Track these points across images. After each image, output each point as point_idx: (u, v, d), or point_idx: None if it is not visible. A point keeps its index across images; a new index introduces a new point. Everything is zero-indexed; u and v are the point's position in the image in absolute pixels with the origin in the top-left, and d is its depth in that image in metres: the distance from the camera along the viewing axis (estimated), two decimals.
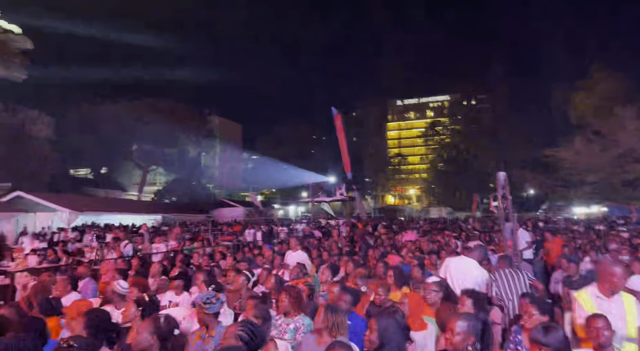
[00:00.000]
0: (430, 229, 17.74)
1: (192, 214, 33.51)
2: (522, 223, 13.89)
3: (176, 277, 5.78)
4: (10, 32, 28.86)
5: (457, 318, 2.89)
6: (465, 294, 3.89)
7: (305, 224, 23.91)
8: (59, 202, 22.85)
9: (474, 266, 5.27)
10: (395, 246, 10.57)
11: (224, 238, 17.90)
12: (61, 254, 11.17)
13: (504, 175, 7.39)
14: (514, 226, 7.58)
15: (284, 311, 4.07)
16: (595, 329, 3.01)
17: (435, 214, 47.63)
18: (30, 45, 29.01)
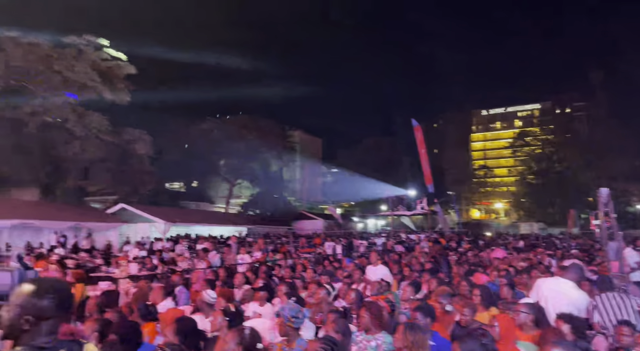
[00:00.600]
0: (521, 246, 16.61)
1: (274, 226, 34.63)
2: (629, 242, 12.50)
3: (260, 288, 5.97)
4: (118, 60, 32.26)
5: (556, 346, 2.66)
6: (562, 319, 3.56)
7: (384, 238, 23.58)
8: (155, 214, 24.79)
9: (571, 287, 4.79)
10: (481, 264, 10.04)
11: (305, 251, 18.23)
12: (157, 263, 12.06)
13: (607, 191, 6.72)
14: (620, 246, 6.84)
15: (365, 328, 4.02)
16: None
17: (526, 230, 44.54)
18: (134, 70, 32.15)
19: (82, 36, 29.73)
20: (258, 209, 46.12)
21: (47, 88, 28.65)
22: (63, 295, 1.63)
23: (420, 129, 31.86)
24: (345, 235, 26.48)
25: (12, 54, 27.47)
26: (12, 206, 21.53)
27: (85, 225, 21.55)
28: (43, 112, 27.82)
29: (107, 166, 30.12)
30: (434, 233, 26.37)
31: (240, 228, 30.49)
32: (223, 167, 46.43)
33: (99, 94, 29.87)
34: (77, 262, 10.94)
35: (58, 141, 28.23)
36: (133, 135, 31.83)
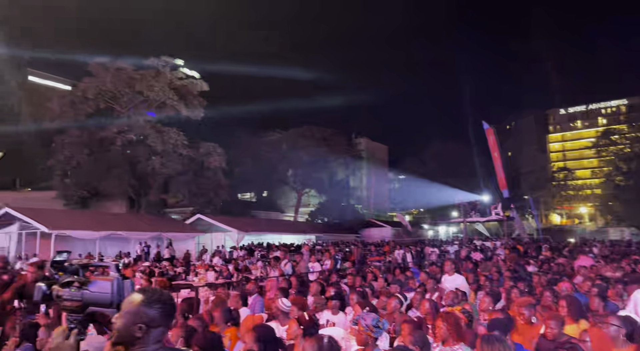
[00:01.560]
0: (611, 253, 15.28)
1: (342, 234, 34.68)
2: None
3: (332, 297, 5.99)
4: (192, 78, 34.30)
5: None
6: None
7: (457, 245, 22.75)
8: (229, 223, 25.85)
9: None
10: (565, 273, 9.36)
11: (374, 259, 18.04)
12: (233, 271, 12.54)
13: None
14: None
15: (442, 339, 3.90)
16: None
17: (616, 236, 40.92)
18: (206, 87, 34.02)
19: (160, 58, 32.02)
20: (325, 217, 46.48)
21: (130, 108, 31.19)
22: (168, 304, 1.75)
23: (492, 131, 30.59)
24: (415, 243, 25.88)
25: (102, 79, 30.24)
26: (103, 218, 23.49)
27: (166, 235, 22.97)
28: (127, 131, 30.20)
29: (184, 178, 31.96)
30: (511, 240, 25.04)
31: (309, 236, 30.90)
32: (291, 177, 47.40)
33: (176, 111, 31.91)
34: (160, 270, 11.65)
35: (141, 157, 30.47)
36: (207, 149, 33.55)
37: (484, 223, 34.24)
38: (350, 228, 38.80)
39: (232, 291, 8.10)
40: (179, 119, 32.77)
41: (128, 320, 1.68)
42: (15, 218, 19.07)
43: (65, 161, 30.12)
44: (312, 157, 43.37)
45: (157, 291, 1.81)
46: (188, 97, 32.90)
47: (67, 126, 30.31)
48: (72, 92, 32.86)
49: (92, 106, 30.34)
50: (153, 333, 1.69)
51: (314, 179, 46.06)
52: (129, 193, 31.60)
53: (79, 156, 29.75)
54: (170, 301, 1.77)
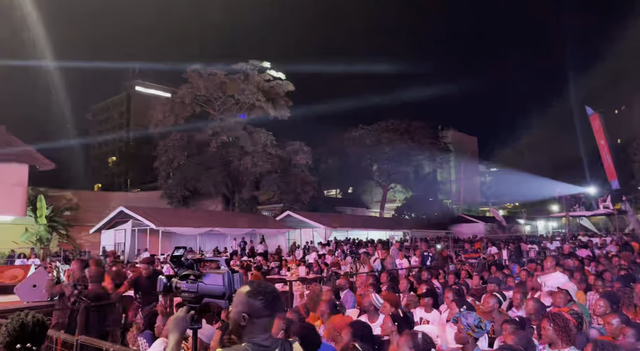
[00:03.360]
0: None
1: (431, 229, 33.77)
2: None
3: (425, 294, 5.89)
4: (278, 79, 35.60)
5: None
6: None
7: (559, 241, 21.07)
8: (317, 220, 26.42)
9: None
10: None
11: (468, 256, 17.35)
12: (322, 266, 12.82)
13: None
14: None
15: (549, 341, 3.66)
16: None
17: None
18: (292, 87, 35.09)
19: (248, 62, 33.61)
20: (413, 212, 45.55)
21: (223, 111, 33.18)
22: (273, 296, 1.86)
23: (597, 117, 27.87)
24: (511, 239, 24.42)
25: (196, 85, 32.54)
26: (202, 216, 25.27)
27: (259, 231, 24.10)
28: (221, 133, 32.16)
29: (273, 176, 33.29)
30: (624, 236, 22.64)
31: (396, 232, 30.53)
32: (375, 172, 47.14)
33: (264, 112, 33.34)
34: (256, 265, 12.26)
35: (234, 157, 32.29)
36: (294, 147, 34.60)
37: (589, 217, 31.33)
38: (439, 223, 37.63)
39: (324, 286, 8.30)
40: (267, 120, 34.22)
41: (236, 310, 1.82)
42: (129, 216, 21.22)
43: (167, 163, 32.90)
44: (396, 151, 42.76)
45: (262, 284, 1.93)
46: (275, 98, 34.20)
47: (169, 131, 33.08)
48: (172, 99, 35.80)
49: (189, 110, 32.82)
50: (257, 323, 1.80)
51: (399, 174, 45.39)
52: (224, 191, 33.63)
53: (180, 158, 32.32)
54: (273, 293, 1.87)
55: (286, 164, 34.30)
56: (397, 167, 44.99)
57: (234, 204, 33.75)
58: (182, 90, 33.44)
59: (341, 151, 44.72)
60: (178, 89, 34.44)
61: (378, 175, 47.44)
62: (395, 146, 43.16)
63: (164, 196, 33.04)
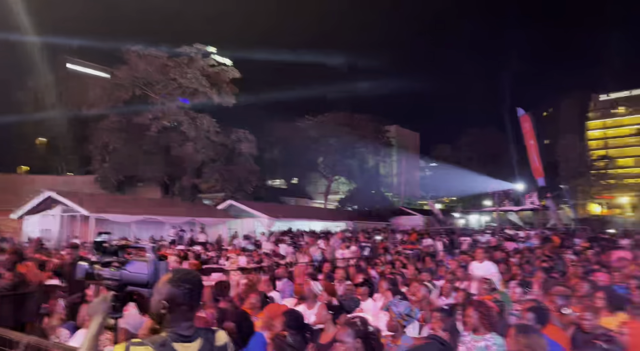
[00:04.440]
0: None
1: (372, 221, 34.59)
2: None
3: (361, 284, 6.02)
4: (224, 65, 34.67)
5: None
6: None
7: (489, 234, 22.32)
8: (260, 209, 26.23)
9: None
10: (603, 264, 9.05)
11: (405, 247, 17.94)
12: (263, 256, 12.75)
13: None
14: None
15: (473, 328, 3.86)
16: None
17: None
18: (238, 74, 34.35)
19: (192, 45, 32.45)
20: (355, 204, 46.42)
21: (164, 95, 31.84)
22: (195, 285, 1.80)
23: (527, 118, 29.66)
24: (446, 231, 25.56)
25: (136, 66, 30.97)
26: (138, 203, 24.25)
27: (199, 220, 23.52)
28: (162, 117, 30.90)
29: (216, 165, 32.55)
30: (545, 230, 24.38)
31: (339, 223, 30.99)
32: (321, 163, 47.50)
33: (208, 98, 32.39)
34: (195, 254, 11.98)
35: (174, 143, 31.18)
36: (239, 135, 33.98)
37: (517, 212, 33.44)
38: (380, 215, 38.63)
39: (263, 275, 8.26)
40: (211, 106, 33.28)
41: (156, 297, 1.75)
42: (58, 202, 19.93)
43: (103, 147, 31.18)
44: (341, 143, 43.27)
45: (186, 272, 1.87)
46: (220, 84, 33.31)
47: (105, 113, 31.32)
48: (109, 80, 33.86)
49: (127, 92, 31.14)
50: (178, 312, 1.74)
51: (343, 166, 45.98)
52: (163, 179, 32.47)
53: (116, 142, 30.72)
54: (197, 283, 1.82)
55: (230, 152, 33.65)
56: (341, 160, 45.54)
57: (174, 192, 32.69)
58: (120, 71, 31.71)
59: (287, 141, 44.57)
60: (116, 70, 32.64)
61: (323, 167, 47.82)
62: (341, 139, 43.65)
63: (98, 181, 31.36)
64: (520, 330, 3.04)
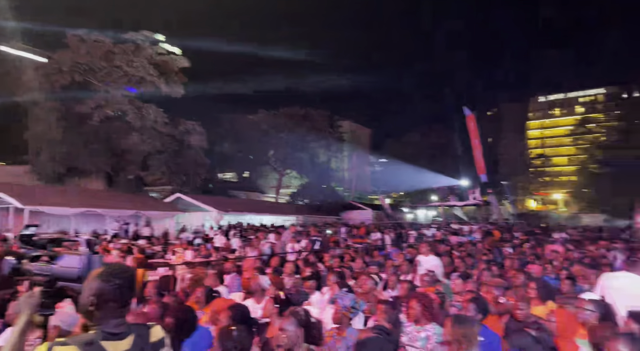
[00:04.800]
0: (582, 238, 15.76)
1: (323, 216, 34.86)
2: None
3: (309, 277, 6.05)
4: (173, 54, 33.49)
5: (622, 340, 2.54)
6: (632, 318, 3.34)
7: (435, 228, 23.12)
8: (209, 203, 25.70)
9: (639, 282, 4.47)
10: (537, 256, 9.63)
11: (355, 241, 18.21)
12: (211, 250, 12.52)
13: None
14: None
15: (415, 319, 3.99)
16: None
17: (589, 222, 42.14)
18: (187, 63, 33.30)
19: (139, 32, 31.10)
20: (306, 199, 46.58)
21: (108, 82, 30.31)
22: (126, 280, 1.72)
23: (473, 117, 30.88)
24: (394, 226, 26.21)
25: (78, 51, 29.26)
26: (79, 194, 23.04)
27: (144, 213, 22.71)
28: (105, 106, 29.43)
29: (163, 156, 31.49)
30: (488, 224, 25.58)
31: (290, 218, 30.98)
32: (272, 157, 47.22)
33: (156, 87, 31.19)
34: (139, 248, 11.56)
35: (119, 133, 29.82)
36: (187, 127, 33.04)
37: (462, 207, 34.86)
38: (331, 210, 39.00)
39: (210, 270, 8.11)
40: (159, 96, 32.08)
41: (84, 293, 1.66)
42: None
43: (40, 135, 29.27)
44: (294, 137, 43.21)
45: (117, 267, 1.78)
46: (168, 74, 32.16)
47: (42, 99, 29.36)
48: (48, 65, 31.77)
49: (67, 78, 29.31)
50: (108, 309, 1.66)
51: (295, 160, 45.96)
52: (106, 170, 31.04)
53: (54, 131, 28.91)
54: (128, 278, 1.74)
55: (178, 144, 32.65)
56: (293, 154, 45.48)
57: (118, 184, 31.32)
58: (60, 55, 29.83)
59: (238, 134, 43.92)
60: (55, 54, 30.67)
61: (274, 160, 47.56)
62: (293, 132, 43.55)
63: (33, 171, 29.47)
64: (456, 320, 3.16)
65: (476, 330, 3.13)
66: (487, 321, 3.91)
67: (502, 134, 63.77)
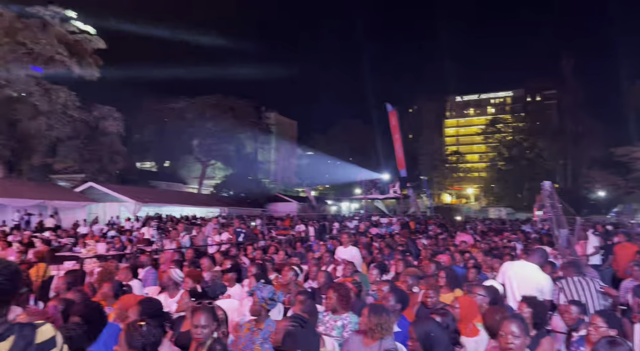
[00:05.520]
0: (488, 230, 17.07)
1: (248, 208, 34.47)
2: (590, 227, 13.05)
3: (229, 270, 5.95)
4: (86, 33, 30.98)
5: (512, 321, 2.79)
6: (525, 302, 3.68)
7: (357, 220, 23.82)
8: (125, 193, 24.31)
9: (535, 270, 4.94)
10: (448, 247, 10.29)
11: (279, 232, 18.25)
12: (126, 243, 11.88)
13: (550, 184, 7.06)
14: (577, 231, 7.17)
15: (332, 308, 4.08)
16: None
17: (495, 215, 45.83)
18: (103, 45, 30.98)
19: (47, 7, 28.37)
20: (231, 190, 45.74)
21: (10, 60, 27.29)
22: (6, 277, 1.56)
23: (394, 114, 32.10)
24: (319, 218, 26.61)
25: None
26: None
27: (51, 203, 20.97)
28: (5, 85, 26.58)
29: (75, 143, 29.22)
30: (406, 217, 26.81)
31: (213, 210, 30.26)
32: (196, 147, 45.71)
33: (67, 69, 28.70)
34: (43, 240, 10.67)
35: (23, 116, 27.12)
36: (103, 112, 30.88)
37: (383, 200, 36.21)
38: (256, 201, 38.67)
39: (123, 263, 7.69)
40: (70, 78, 29.56)
41: None
42: None
43: None
44: (219, 128, 42.14)
45: None
46: (81, 55, 29.73)
47: None
48: None
49: None
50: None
51: (220, 151, 44.90)
52: (7, 156, 28.13)
53: None
54: (10, 275, 1.58)
55: (92, 130, 30.43)
56: (218, 144, 44.39)
57: (21, 171, 28.52)
58: None
59: (159, 121, 41.97)
60: None
61: (198, 150, 46.09)
62: (218, 123, 42.46)
63: None
64: (372, 310, 3.27)
65: (392, 320, 3.27)
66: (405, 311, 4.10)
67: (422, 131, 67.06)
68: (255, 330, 3.70)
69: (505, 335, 2.74)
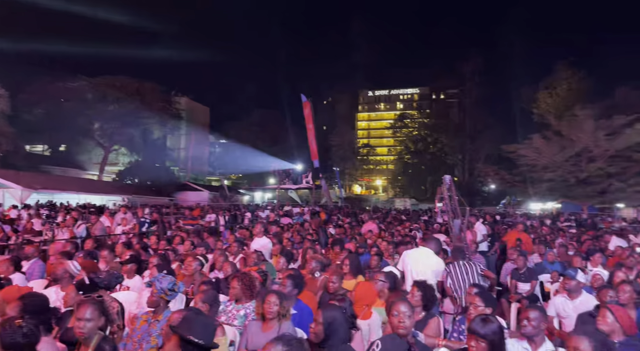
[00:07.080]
0: (392, 219, 18.01)
1: (154, 196, 32.82)
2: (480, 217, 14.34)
3: (128, 261, 5.65)
4: None
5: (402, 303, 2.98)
6: (417, 286, 3.96)
7: (269, 210, 23.80)
8: (11, 178, 21.96)
9: (430, 255, 5.37)
10: (355, 235, 10.69)
11: (187, 222, 17.60)
12: (10, 233, 10.72)
13: (450, 178, 7.69)
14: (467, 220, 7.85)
15: (235, 298, 4.06)
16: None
17: (400, 206, 48.53)
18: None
19: None
20: (137, 177, 43.14)
21: None
22: None
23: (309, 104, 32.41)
24: (230, 207, 26.15)
25: None
26: None
27: None
28: None
29: None
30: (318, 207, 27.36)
31: (116, 197, 28.41)
32: (97, 130, 42.34)
33: None
34: None
35: None
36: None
37: (296, 190, 36.56)
38: (164, 190, 36.89)
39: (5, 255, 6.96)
40: None
41: None
42: None
43: None
44: (123, 110, 39.41)
45: None
46: None
47: None
48: None
49: None
50: None
51: (124, 136, 42.09)
52: None
53: None
54: None
55: None
56: (122, 128, 41.55)
57: None
58: None
59: (53, 101, 38.11)
60: None
61: (99, 134, 42.75)
62: (123, 105, 39.70)
63: None
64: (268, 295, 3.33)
65: (289, 304, 3.33)
66: (302, 296, 4.19)
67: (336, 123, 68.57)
68: (153, 322, 3.56)
69: (398, 314, 2.93)
